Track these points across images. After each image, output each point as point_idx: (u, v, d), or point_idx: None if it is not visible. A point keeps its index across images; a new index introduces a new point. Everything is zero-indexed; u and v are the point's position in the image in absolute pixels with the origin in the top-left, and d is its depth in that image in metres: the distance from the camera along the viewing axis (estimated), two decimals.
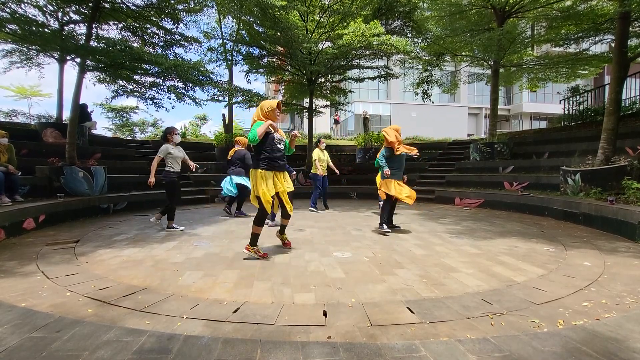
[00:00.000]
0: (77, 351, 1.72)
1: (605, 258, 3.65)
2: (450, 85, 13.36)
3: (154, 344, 1.81)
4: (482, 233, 5.06)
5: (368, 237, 4.76)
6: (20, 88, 17.01)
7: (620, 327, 2.01)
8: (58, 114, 8.43)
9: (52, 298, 2.54)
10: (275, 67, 11.47)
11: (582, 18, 8.27)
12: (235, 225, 5.73)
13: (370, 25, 8.11)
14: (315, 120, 13.17)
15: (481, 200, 8.08)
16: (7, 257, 3.63)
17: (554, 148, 8.98)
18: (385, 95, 29.41)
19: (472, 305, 2.42)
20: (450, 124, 27.75)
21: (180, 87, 7.78)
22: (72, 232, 5.00)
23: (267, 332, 2.03)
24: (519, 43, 9.58)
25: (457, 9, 9.62)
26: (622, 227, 4.73)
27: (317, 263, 3.51)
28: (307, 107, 11.53)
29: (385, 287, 2.79)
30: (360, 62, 10.61)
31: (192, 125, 22.07)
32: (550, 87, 24.35)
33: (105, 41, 6.71)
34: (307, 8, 9.04)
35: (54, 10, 6.96)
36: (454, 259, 3.66)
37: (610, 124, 6.27)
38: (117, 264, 3.45)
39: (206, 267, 3.35)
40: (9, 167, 5.33)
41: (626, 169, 5.70)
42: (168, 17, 7.61)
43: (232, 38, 10.92)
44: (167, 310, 2.33)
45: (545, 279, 3.01)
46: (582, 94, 11.11)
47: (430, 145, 13.62)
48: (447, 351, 1.76)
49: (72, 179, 6.44)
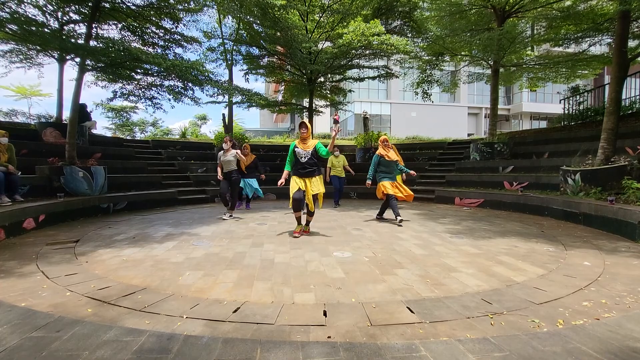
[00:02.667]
0: (77, 351, 1.72)
1: (605, 258, 3.65)
2: (450, 84, 13.36)
3: (153, 343, 1.81)
4: (482, 233, 5.06)
5: (368, 237, 4.76)
6: (20, 88, 17.00)
7: (620, 327, 2.01)
8: (58, 114, 8.43)
9: (52, 298, 2.54)
10: (275, 67, 11.48)
11: (582, 18, 8.27)
12: (235, 225, 5.73)
13: (370, 24, 8.11)
14: (315, 120, 13.16)
15: (481, 200, 8.08)
16: (7, 257, 3.63)
17: (554, 148, 8.97)
18: (385, 95, 29.40)
19: (472, 305, 2.42)
20: (450, 124, 27.76)
21: (180, 87, 7.78)
22: (72, 232, 5.00)
23: (267, 331, 2.03)
24: (519, 43, 9.57)
25: (457, 8, 9.61)
26: (622, 227, 4.73)
27: (317, 263, 3.51)
28: (307, 107, 11.53)
29: (385, 287, 2.79)
30: (360, 61, 10.62)
31: (192, 125, 22.08)
32: (550, 87, 24.35)
33: (105, 41, 6.71)
34: (307, 8, 9.04)
35: (54, 10, 6.96)
36: (454, 258, 3.66)
37: (610, 124, 6.27)
38: (117, 263, 3.45)
39: (206, 267, 3.35)
40: (8, 167, 5.33)
41: (626, 169, 5.70)
42: (168, 17, 7.61)
43: (232, 38, 10.92)
44: (167, 310, 2.33)
45: (545, 278, 3.01)
46: (582, 94, 11.11)
47: (430, 145, 13.61)
48: (447, 351, 1.76)
49: (72, 179, 6.44)
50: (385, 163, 6.00)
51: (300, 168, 4.76)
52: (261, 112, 45.38)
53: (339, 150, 8.61)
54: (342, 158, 8.52)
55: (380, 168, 6.04)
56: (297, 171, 4.80)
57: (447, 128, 25.96)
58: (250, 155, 7.53)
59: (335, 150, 8.24)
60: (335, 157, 8.35)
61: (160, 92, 8.01)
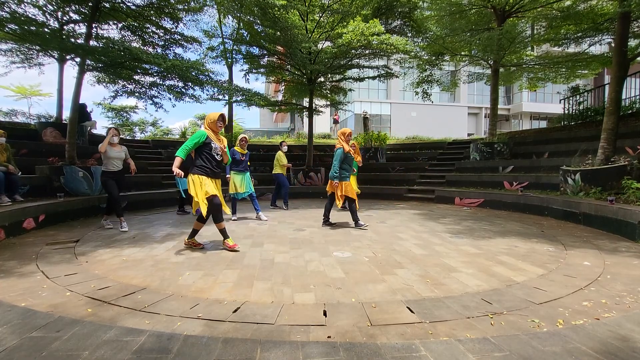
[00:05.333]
0: (76, 351, 1.72)
1: (605, 258, 3.65)
2: (450, 84, 13.36)
3: (153, 343, 1.81)
4: (482, 233, 5.06)
5: (368, 237, 4.76)
6: (20, 88, 16.96)
7: (620, 327, 2.01)
8: (58, 114, 8.42)
9: (52, 298, 2.54)
10: (275, 66, 11.48)
11: (581, 18, 8.26)
12: (235, 225, 5.73)
13: (370, 23, 8.10)
14: (315, 120, 13.16)
15: (481, 200, 8.08)
16: (7, 257, 3.63)
17: (554, 148, 8.97)
18: (385, 95, 29.38)
19: (472, 305, 2.42)
20: (450, 124, 27.74)
21: (180, 86, 7.78)
22: (72, 232, 5.00)
23: (267, 331, 2.03)
24: (519, 43, 9.57)
25: (457, 8, 9.61)
26: (622, 227, 4.73)
27: (317, 263, 3.51)
28: (307, 106, 11.53)
29: (385, 287, 2.79)
30: (360, 61, 10.61)
31: (192, 125, 22.07)
32: (550, 86, 24.33)
33: (104, 41, 6.70)
34: (307, 8, 9.04)
35: (54, 10, 6.95)
36: (454, 258, 3.66)
37: (610, 124, 6.27)
38: (116, 263, 3.45)
39: (206, 266, 3.35)
40: (8, 167, 5.33)
41: (626, 169, 5.70)
42: (168, 17, 7.60)
43: (232, 37, 10.92)
44: (167, 309, 2.33)
45: (545, 278, 3.01)
46: (582, 94, 11.10)
47: (430, 145, 13.62)
48: (447, 351, 1.76)
49: (72, 179, 6.44)
50: (349, 160, 5.51)
51: (217, 165, 3.93)
52: (261, 112, 45.38)
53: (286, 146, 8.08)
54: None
55: (344, 165, 5.44)
56: (211, 169, 3.88)
57: (447, 128, 25.93)
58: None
59: (282, 145, 7.86)
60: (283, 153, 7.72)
61: (160, 92, 8.01)
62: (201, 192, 3.75)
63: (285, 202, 7.74)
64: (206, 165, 3.84)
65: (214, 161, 3.88)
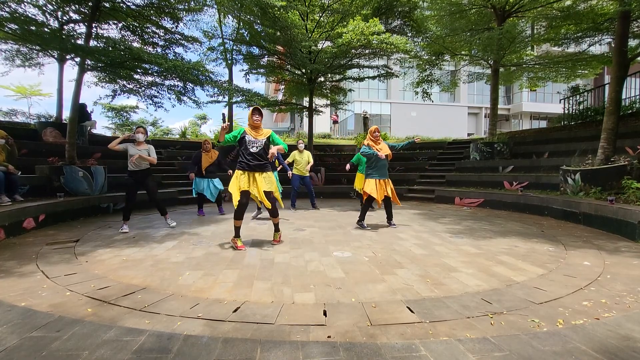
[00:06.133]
0: (76, 351, 1.72)
1: (605, 258, 3.65)
2: (450, 84, 13.36)
3: (153, 343, 1.81)
4: (482, 233, 5.06)
5: (368, 237, 4.76)
6: (20, 87, 16.97)
7: (620, 326, 2.01)
8: (58, 114, 8.43)
9: (52, 298, 2.54)
10: (275, 66, 11.48)
11: (582, 18, 8.26)
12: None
13: (370, 23, 8.10)
14: (315, 120, 13.17)
15: (481, 199, 8.08)
16: (7, 257, 3.63)
17: (554, 148, 8.97)
18: (385, 95, 29.37)
19: (472, 305, 2.42)
20: (450, 124, 27.73)
21: (180, 86, 7.78)
22: (72, 232, 5.00)
23: (267, 331, 2.03)
24: (519, 42, 9.57)
25: (457, 8, 9.60)
26: (622, 227, 4.73)
27: (317, 263, 3.51)
28: (307, 106, 11.53)
29: (385, 287, 2.79)
30: (360, 61, 10.62)
31: (192, 125, 22.08)
32: (550, 86, 24.36)
33: (104, 41, 6.69)
34: (307, 7, 9.04)
35: (54, 10, 6.95)
36: (454, 258, 3.66)
37: (610, 124, 6.27)
38: (116, 263, 3.45)
39: (206, 266, 3.35)
40: (8, 167, 5.33)
41: (626, 169, 5.70)
42: (168, 17, 7.60)
43: (233, 37, 10.92)
44: (167, 309, 2.33)
45: (545, 278, 3.01)
46: (582, 94, 11.10)
47: (430, 144, 13.61)
48: (447, 351, 1.76)
49: (72, 179, 6.44)
50: (375, 159, 5.28)
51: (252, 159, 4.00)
52: None
53: (303, 143, 7.86)
54: (307, 154, 7.57)
55: (370, 164, 5.31)
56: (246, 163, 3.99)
57: (447, 128, 25.92)
58: (212, 151, 6.67)
59: (299, 143, 7.72)
60: (299, 153, 7.52)
61: (160, 92, 8.01)
62: (234, 186, 3.99)
63: (292, 204, 7.78)
64: (241, 159, 4.04)
65: (248, 155, 4.01)
